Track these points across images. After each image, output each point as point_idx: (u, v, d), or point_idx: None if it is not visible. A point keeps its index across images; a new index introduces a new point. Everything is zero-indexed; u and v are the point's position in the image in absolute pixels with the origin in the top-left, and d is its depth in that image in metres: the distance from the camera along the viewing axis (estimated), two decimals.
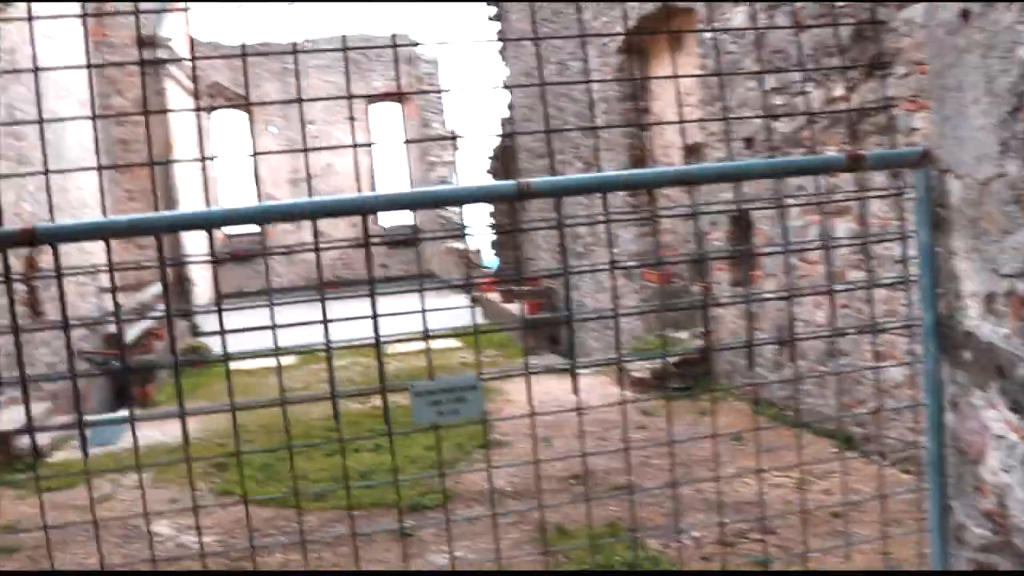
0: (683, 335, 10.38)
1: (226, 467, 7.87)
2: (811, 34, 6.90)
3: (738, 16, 8.56)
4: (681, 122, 2.03)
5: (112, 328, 11.14)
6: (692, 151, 10.61)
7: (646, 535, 5.72)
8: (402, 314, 2.70)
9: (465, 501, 6.88)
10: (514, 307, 15.38)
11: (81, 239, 1.73)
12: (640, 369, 9.86)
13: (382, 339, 2.13)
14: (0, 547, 6.04)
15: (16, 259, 9.25)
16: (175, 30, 18.58)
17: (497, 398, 10.11)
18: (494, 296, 17.13)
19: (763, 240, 8.33)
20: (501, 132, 19.30)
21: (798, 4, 7.03)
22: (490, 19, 20.06)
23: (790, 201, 7.02)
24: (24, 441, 7.80)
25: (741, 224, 8.82)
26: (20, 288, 9.33)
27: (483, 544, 5.81)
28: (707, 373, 9.65)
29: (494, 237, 19.02)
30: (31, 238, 1.62)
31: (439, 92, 12.12)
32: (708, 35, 9.37)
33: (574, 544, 5.49)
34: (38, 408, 8.83)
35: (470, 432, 8.44)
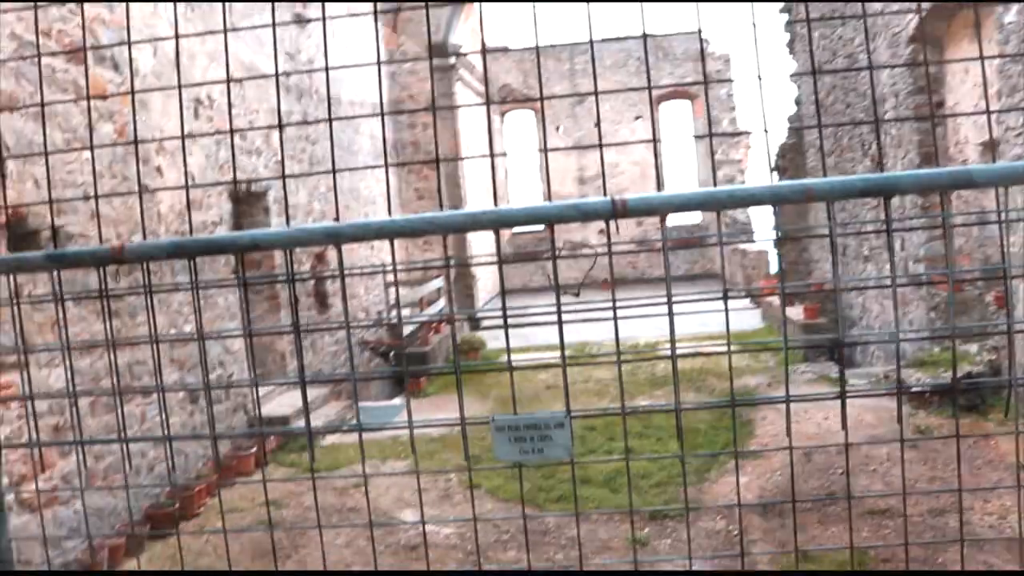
0: (972, 347, 9.46)
1: (479, 459, 8.10)
2: None
3: None
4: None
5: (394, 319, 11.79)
6: (989, 147, 9.68)
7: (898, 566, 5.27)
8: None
9: (709, 513, 6.66)
10: (793, 311, 14.73)
11: (164, 258, 1.81)
12: (920, 383, 9.12)
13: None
14: (262, 521, 6.56)
15: (307, 256, 10.03)
16: (465, 37, 19.38)
17: (762, 407, 9.71)
18: (773, 299, 16.53)
19: None
20: (787, 128, 18.64)
21: None
22: (780, 12, 19.40)
23: None
24: (299, 424, 8.46)
25: None
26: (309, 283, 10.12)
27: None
28: (999, 390, 8.74)
29: (775, 239, 18.34)
30: (119, 257, 1.72)
31: (721, 82, 11.79)
32: (1009, 19, 8.48)
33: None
34: (315, 393, 9.55)
35: (725, 440, 8.22)
